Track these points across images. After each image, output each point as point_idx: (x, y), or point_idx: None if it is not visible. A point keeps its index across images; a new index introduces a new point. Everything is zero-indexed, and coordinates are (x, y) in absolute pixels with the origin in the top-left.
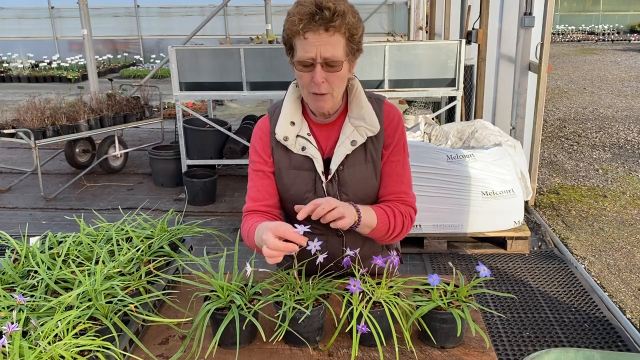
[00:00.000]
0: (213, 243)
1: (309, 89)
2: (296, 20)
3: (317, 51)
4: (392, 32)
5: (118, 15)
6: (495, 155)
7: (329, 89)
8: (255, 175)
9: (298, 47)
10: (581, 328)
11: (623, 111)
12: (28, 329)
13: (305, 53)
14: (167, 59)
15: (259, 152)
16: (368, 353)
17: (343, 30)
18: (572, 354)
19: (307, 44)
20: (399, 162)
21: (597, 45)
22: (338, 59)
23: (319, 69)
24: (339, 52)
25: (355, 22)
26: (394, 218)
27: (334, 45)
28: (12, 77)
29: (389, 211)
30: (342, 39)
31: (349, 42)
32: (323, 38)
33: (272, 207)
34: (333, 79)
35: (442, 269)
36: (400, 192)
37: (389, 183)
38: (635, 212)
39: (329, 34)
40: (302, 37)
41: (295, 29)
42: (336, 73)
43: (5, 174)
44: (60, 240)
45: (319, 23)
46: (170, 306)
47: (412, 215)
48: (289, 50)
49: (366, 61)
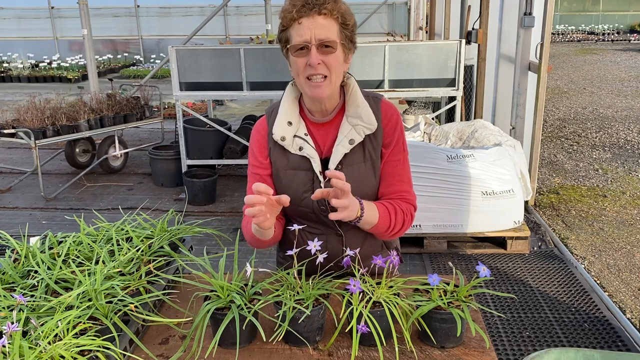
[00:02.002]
0: (213, 243)
1: (305, 73)
2: (290, 7)
3: (311, 34)
4: (392, 32)
5: (118, 15)
6: (495, 155)
7: (326, 71)
8: (253, 178)
9: (293, 34)
10: (581, 328)
11: (623, 111)
12: (28, 328)
13: (300, 37)
14: (167, 59)
15: (256, 154)
16: (368, 353)
17: (336, 15)
18: (572, 354)
19: (301, 29)
20: (399, 162)
21: (597, 45)
22: (332, 39)
23: (314, 51)
24: (333, 35)
25: (346, 9)
26: (395, 215)
27: (328, 28)
28: (12, 77)
29: (391, 208)
30: (335, 24)
31: (342, 29)
32: (317, 21)
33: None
34: (329, 60)
35: (442, 269)
36: (402, 190)
37: (391, 182)
38: (635, 212)
39: (322, 17)
40: (296, 23)
41: (290, 16)
42: (332, 55)
43: (5, 174)
44: (60, 240)
45: (312, 7)
46: (170, 306)
47: (412, 213)
48: (284, 43)
49: (366, 61)
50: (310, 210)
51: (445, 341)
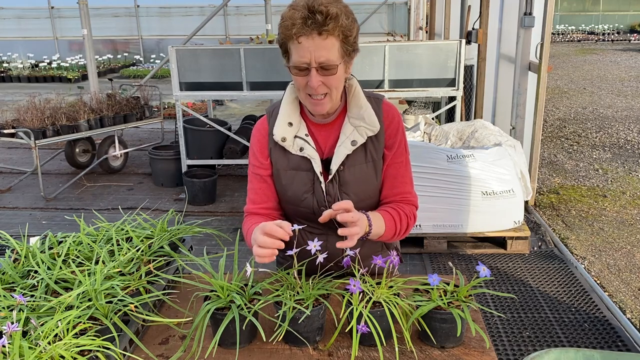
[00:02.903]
0: (213, 243)
1: (306, 91)
2: (289, 24)
3: (311, 56)
4: (392, 32)
5: (118, 15)
6: (495, 155)
7: (326, 90)
8: (254, 178)
9: (293, 51)
10: (581, 328)
11: (623, 111)
12: (28, 328)
13: (300, 58)
14: (167, 59)
15: (256, 154)
16: (368, 353)
17: (337, 33)
18: (572, 354)
19: (301, 49)
20: (402, 163)
21: (597, 45)
22: (333, 62)
23: (314, 74)
24: (334, 56)
25: (349, 23)
26: (399, 221)
27: (328, 49)
28: (12, 77)
29: (396, 215)
30: (336, 42)
31: (343, 44)
32: (317, 42)
33: (271, 209)
34: (329, 81)
35: (442, 269)
36: (405, 192)
37: (395, 184)
38: (635, 212)
39: (322, 37)
40: (295, 41)
41: (288, 33)
42: (332, 76)
43: (5, 174)
44: (60, 240)
45: (311, 27)
46: (170, 306)
47: (414, 214)
48: (284, 53)
49: (366, 61)
50: (311, 211)
51: (445, 341)
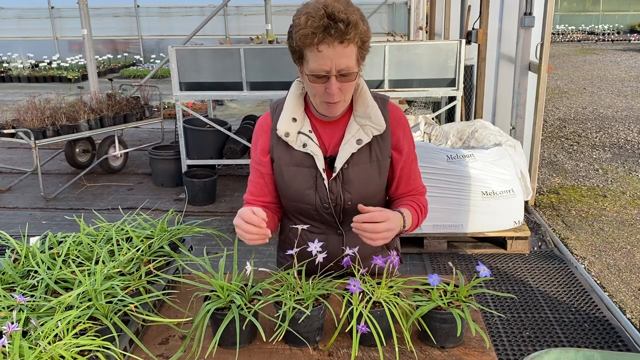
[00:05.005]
0: (213, 243)
1: (323, 99)
2: (309, 32)
3: (332, 64)
4: (392, 32)
5: (118, 15)
6: (495, 155)
7: (342, 96)
8: (254, 171)
9: (310, 59)
10: (581, 328)
11: (623, 111)
12: (28, 329)
13: (319, 66)
14: (167, 59)
15: (257, 150)
16: (368, 353)
17: (356, 40)
18: (572, 354)
19: (321, 57)
20: (413, 161)
21: (597, 45)
22: (352, 70)
23: (334, 81)
24: (353, 63)
25: (366, 30)
26: (420, 214)
27: (348, 56)
28: (12, 77)
29: (417, 208)
30: (355, 49)
31: (360, 50)
32: (338, 50)
33: (269, 203)
34: (346, 87)
35: (442, 269)
36: (418, 186)
37: (409, 182)
38: (635, 212)
39: (344, 45)
40: (315, 49)
41: (308, 41)
42: (350, 82)
43: (5, 174)
44: (60, 240)
45: (334, 37)
46: (170, 306)
47: (427, 205)
48: (298, 58)
49: (366, 61)
50: (313, 208)
51: (445, 341)
